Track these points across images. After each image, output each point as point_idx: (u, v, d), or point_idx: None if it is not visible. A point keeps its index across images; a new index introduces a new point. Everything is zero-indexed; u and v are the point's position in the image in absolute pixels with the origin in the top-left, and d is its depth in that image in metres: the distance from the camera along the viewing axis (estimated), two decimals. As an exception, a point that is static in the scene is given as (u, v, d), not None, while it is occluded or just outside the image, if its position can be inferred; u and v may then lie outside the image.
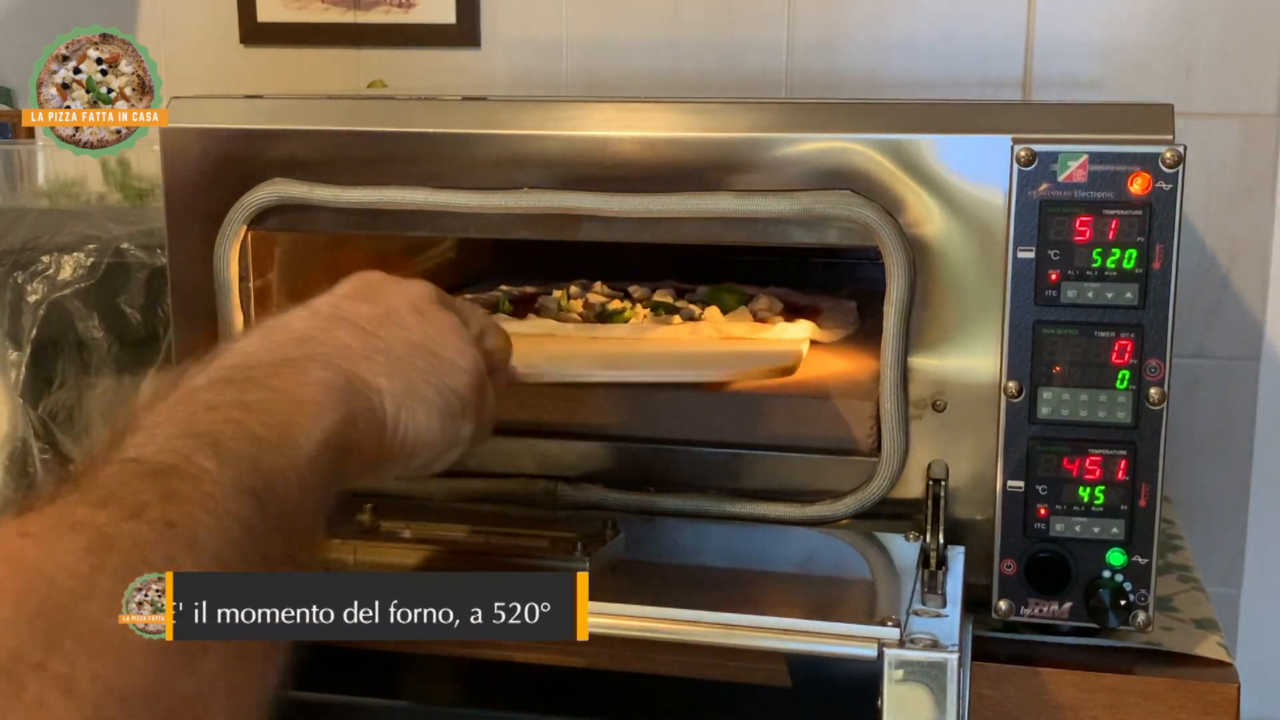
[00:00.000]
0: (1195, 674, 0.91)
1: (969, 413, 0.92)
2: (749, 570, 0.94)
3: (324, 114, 1.05)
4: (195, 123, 1.05)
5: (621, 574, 0.87)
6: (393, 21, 1.56)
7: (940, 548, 0.89)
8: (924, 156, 0.91)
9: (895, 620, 0.77)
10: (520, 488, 0.97)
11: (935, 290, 0.91)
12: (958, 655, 0.76)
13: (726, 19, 1.47)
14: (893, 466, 0.92)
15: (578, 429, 1.00)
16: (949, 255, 0.91)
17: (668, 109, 0.98)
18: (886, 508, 0.93)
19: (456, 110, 1.06)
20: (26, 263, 1.31)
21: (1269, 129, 1.38)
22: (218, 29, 1.59)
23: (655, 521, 0.95)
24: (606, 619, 0.79)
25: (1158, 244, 0.87)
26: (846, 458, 0.96)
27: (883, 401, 0.92)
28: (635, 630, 0.79)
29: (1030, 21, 1.41)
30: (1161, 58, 1.39)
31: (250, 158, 1.01)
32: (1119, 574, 0.90)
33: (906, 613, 0.80)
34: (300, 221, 1.00)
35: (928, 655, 0.75)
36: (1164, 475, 0.90)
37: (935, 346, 0.92)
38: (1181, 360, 1.39)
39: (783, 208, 0.92)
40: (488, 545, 0.88)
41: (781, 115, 0.97)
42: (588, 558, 0.85)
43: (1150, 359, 0.88)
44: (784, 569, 0.94)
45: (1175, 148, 0.86)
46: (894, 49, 1.44)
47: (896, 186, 0.91)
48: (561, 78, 1.52)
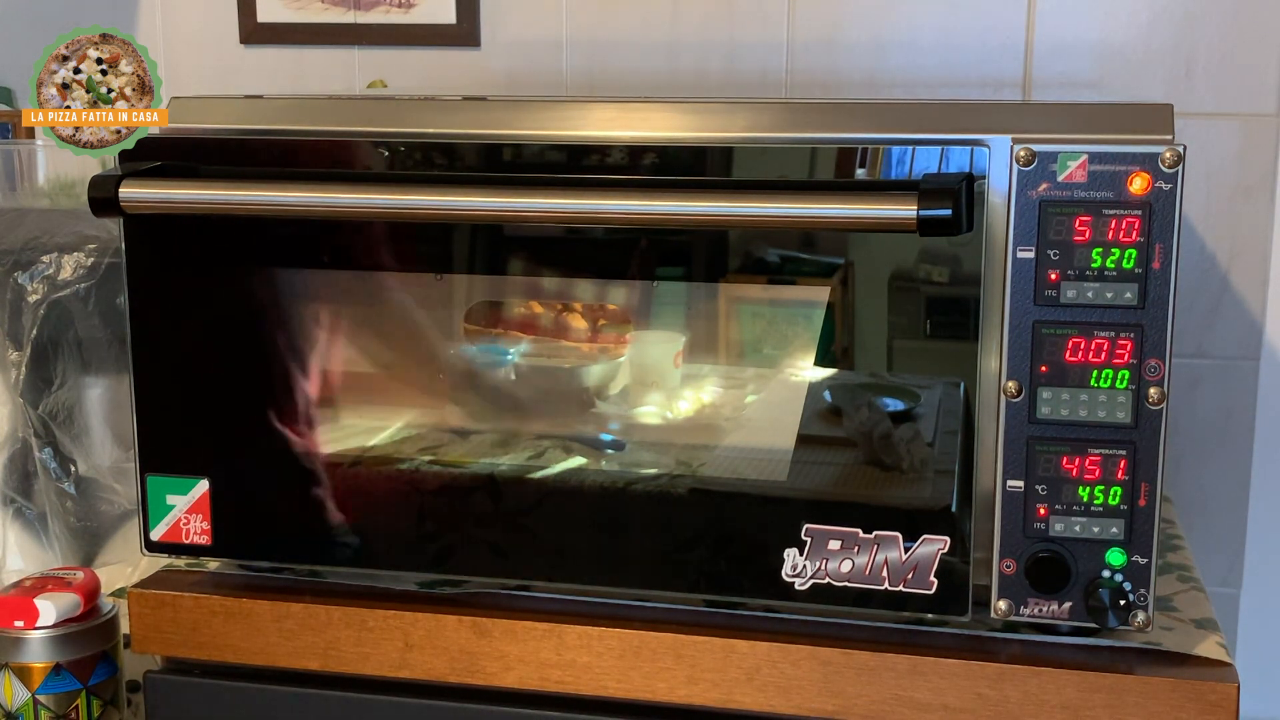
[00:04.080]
0: (1195, 674, 0.91)
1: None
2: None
3: (324, 114, 1.05)
4: (195, 122, 1.05)
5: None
6: (393, 21, 1.56)
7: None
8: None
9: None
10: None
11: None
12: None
13: (726, 19, 1.47)
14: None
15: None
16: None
17: (668, 109, 0.98)
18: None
19: (456, 110, 1.06)
20: (26, 263, 1.31)
21: (1269, 129, 1.38)
22: (218, 29, 1.59)
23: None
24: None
25: (1157, 244, 0.87)
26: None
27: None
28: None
29: (1030, 21, 1.41)
30: (1161, 58, 1.39)
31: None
32: (1119, 574, 0.90)
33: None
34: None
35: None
36: (1164, 475, 0.90)
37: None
38: (1181, 360, 1.39)
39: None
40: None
41: (781, 115, 0.97)
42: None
43: (1150, 359, 0.88)
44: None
45: (1175, 148, 0.86)
46: (894, 49, 1.44)
47: (896, 186, 0.91)
48: (561, 78, 1.52)
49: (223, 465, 1.07)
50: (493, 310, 1.09)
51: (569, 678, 1.00)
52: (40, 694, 1.09)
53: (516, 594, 1.04)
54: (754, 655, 0.97)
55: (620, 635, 0.99)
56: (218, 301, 1.06)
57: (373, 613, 1.03)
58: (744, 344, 1.12)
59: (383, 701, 1.04)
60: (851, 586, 0.96)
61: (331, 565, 1.07)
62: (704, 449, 1.05)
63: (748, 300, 1.24)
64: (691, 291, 1.19)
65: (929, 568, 0.94)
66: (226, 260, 1.05)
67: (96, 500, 1.34)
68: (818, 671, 0.95)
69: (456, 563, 1.04)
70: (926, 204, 0.87)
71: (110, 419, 1.35)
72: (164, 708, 1.07)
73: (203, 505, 1.07)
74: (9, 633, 1.09)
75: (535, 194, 0.95)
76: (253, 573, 1.09)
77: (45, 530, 1.35)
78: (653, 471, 1.02)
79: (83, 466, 1.33)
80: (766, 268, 1.01)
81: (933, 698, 0.94)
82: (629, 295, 1.14)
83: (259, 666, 1.06)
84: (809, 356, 1.04)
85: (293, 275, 1.07)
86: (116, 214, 1.01)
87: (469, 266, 1.05)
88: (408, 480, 1.05)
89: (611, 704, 1.00)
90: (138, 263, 1.05)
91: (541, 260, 1.06)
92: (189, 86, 1.09)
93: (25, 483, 1.36)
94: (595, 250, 1.02)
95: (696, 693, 0.98)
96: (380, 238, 1.04)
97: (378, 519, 1.06)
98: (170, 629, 1.06)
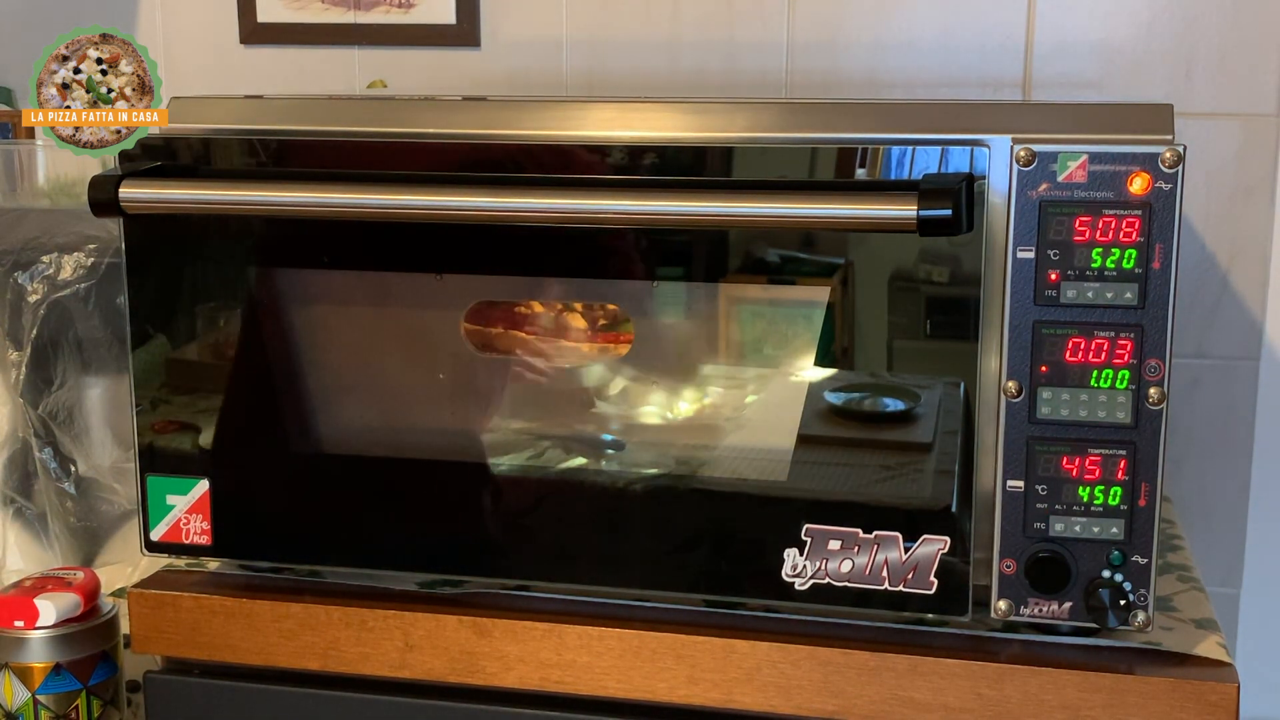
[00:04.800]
0: (1195, 674, 0.91)
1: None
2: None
3: (324, 114, 1.05)
4: (195, 122, 1.05)
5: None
6: (393, 21, 1.56)
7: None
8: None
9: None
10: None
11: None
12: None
13: (726, 19, 1.47)
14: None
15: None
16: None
17: (668, 109, 0.98)
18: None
19: (456, 110, 1.06)
20: (26, 263, 1.31)
21: (1269, 129, 1.38)
22: (218, 29, 1.59)
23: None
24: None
25: (1157, 244, 0.87)
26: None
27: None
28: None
29: (1030, 21, 1.41)
30: (1161, 58, 1.39)
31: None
32: (1119, 574, 0.90)
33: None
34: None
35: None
36: (1164, 475, 0.90)
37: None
38: (1181, 360, 1.39)
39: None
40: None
41: (781, 115, 0.97)
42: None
43: (1150, 359, 0.88)
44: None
45: (1175, 148, 0.86)
46: (894, 49, 1.44)
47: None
48: (561, 78, 1.52)
49: (223, 465, 1.07)
50: (493, 310, 1.09)
51: (569, 678, 1.00)
52: (40, 694, 1.09)
53: (516, 594, 1.04)
54: (754, 655, 0.97)
55: (620, 635, 0.99)
56: (217, 301, 1.06)
57: (373, 613, 1.03)
58: (744, 344, 1.12)
59: (383, 701, 1.04)
60: (851, 586, 0.96)
61: (331, 565, 1.07)
62: (704, 449, 1.05)
63: (748, 300, 1.24)
64: (691, 291, 1.19)
65: (929, 568, 0.94)
66: (226, 260, 1.05)
67: (96, 500, 1.34)
68: (818, 671, 0.95)
69: (456, 563, 1.04)
70: (926, 204, 0.87)
71: (110, 419, 1.35)
72: (164, 708, 1.07)
73: (203, 505, 1.07)
74: (9, 633, 1.09)
75: (535, 194, 0.95)
76: (253, 573, 1.09)
77: (45, 530, 1.35)
78: (653, 471, 1.02)
79: (83, 466, 1.33)
80: (766, 268, 1.01)
81: (933, 698, 0.94)
82: (629, 295, 1.14)
83: (259, 666, 1.06)
84: (809, 356, 1.04)
85: (293, 275, 1.07)
86: (116, 214, 1.01)
87: (469, 266, 1.05)
88: (408, 480, 1.05)
89: (611, 704, 1.00)
90: (138, 263, 1.05)
91: (541, 260, 1.06)
92: (189, 86, 1.09)
93: (25, 483, 1.36)
94: (595, 250, 1.02)
95: (696, 693, 0.98)
96: (380, 238, 1.04)
97: (378, 519, 1.06)
98: (170, 629, 1.06)
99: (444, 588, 1.05)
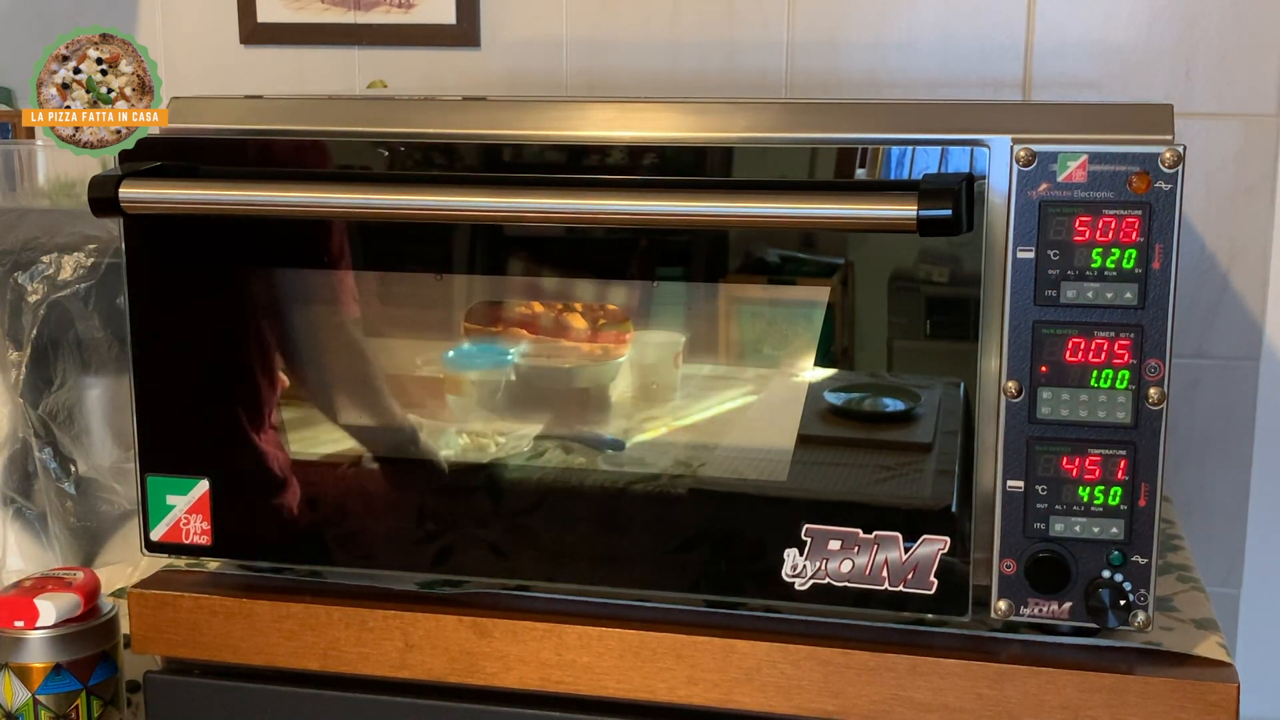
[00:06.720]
0: (1195, 674, 0.91)
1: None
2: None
3: (324, 114, 1.05)
4: (195, 122, 1.05)
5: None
6: (393, 21, 1.56)
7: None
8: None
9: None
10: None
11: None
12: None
13: (726, 19, 1.47)
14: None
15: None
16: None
17: (668, 109, 0.98)
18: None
19: (456, 110, 1.06)
20: (26, 263, 1.31)
21: (1269, 129, 1.38)
22: (218, 29, 1.59)
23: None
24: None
25: (1157, 244, 0.87)
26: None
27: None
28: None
29: (1030, 22, 1.41)
30: (1161, 58, 1.39)
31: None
32: (1119, 574, 0.90)
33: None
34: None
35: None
36: (1164, 475, 0.90)
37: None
38: (1181, 360, 1.39)
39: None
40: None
41: (781, 115, 0.97)
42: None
43: (1150, 359, 0.88)
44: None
45: (1175, 148, 0.86)
46: (894, 49, 1.44)
47: (896, 186, 0.91)
48: (561, 78, 1.52)
49: (223, 465, 1.07)
50: (493, 310, 1.09)
51: (569, 678, 1.00)
52: (40, 694, 1.09)
53: (516, 594, 1.04)
54: (754, 655, 0.97)
55: (620, 635, 0.99)
56: (217, 301, 1.06)
57: (373, 613, 1.03)
58: (744, 344, 1.12)
59: (383, 701, 1.04)
60: (851, 586, 0.96)
61: (331, 565, 1.07)
62: (704, 449, 1.05)
63: (748, 300, 1.24)
64: (691, 291, 1.19)
65: (929, 568, 0.94)
66: (226, 260, 1.05)
67: (96, 500, 1.34)
68: (818, 671, 0.95)
69: (456, 563, 1.04)
70: (926, 204, 0.87)
71: (110, 419, 1.35)
72: (164, 708, 1.07)
73: (203, 505, 1.07)
74: (9, 633, 1.09)
75: (535, 194, 0.95)
76: (253, 573, 1.09)
77: (45, 530, 1.35)
78: (653, 471, 1.02)
79: (83, 466, 1.33)
80: (766, 268, 1.01)
81: (933, 698, 0.94)
82: (629, 295, 1.14)
83: (259, 666, 1.06)
84: (809, 356, 1.04)
85: (292, 275, 1.07)
86: (116, 214, 1.01)
87: (469, 266, 1.05)
88: (408, 480, 1.06)
89: (611, 704, 1.00)
90: (138, 263, 1.05)
91: (541, 260, 1.06)
92: (189, 86, 1.09)
93: (25, 483, 1.36)
94: (595, 250, 1.02)
95: (696, 693, 0.98)
96: (380, 238, 1.04)
97: (378, 519, 1.06)
98: (170, 629, 1.06)
99: (444, 588, 1.05)
